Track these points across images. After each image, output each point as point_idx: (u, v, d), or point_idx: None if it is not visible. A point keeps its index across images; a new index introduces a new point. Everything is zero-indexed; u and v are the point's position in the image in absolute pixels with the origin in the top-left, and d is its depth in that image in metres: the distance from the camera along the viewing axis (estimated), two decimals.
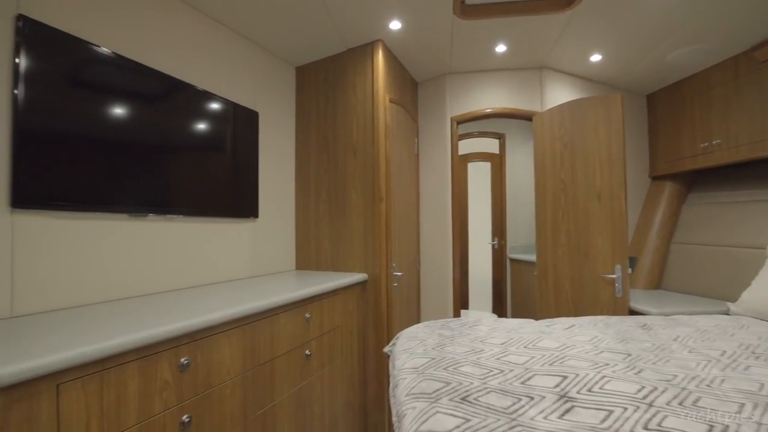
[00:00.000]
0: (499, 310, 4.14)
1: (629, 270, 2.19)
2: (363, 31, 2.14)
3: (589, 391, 0.97)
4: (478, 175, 4.55)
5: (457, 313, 2.72)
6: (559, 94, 2.71)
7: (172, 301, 1.45)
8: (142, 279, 1.57)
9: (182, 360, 1.10)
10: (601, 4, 1.89)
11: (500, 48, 2.40)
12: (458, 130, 2.82)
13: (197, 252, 1.83)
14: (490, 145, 4.32)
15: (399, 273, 2.36)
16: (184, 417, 1.10)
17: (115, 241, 1.48)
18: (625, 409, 0.87)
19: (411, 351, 1.31)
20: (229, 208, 2.00)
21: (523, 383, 1.03)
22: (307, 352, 1.69)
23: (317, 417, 1.77)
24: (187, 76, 1.78)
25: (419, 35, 2.22)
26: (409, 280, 2.64)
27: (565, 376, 1.06)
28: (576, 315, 2.31)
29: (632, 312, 2.20)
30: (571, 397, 0.94)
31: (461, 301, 3.55)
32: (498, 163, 4.22)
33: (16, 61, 1.18)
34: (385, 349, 1.57)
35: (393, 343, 1.55)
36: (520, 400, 0.93)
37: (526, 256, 3.64)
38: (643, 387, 0.98)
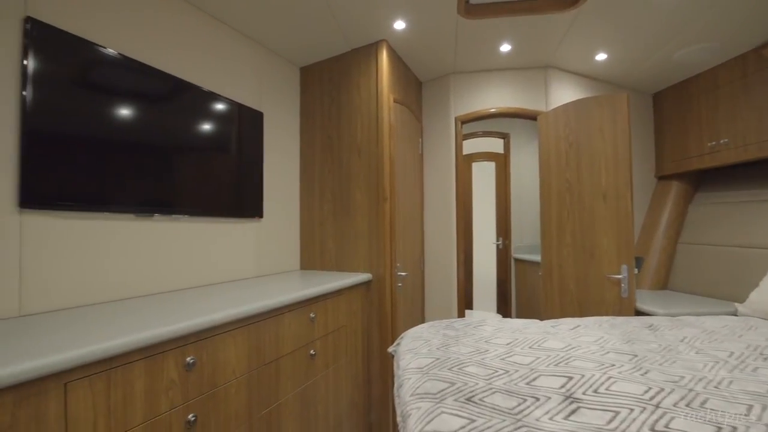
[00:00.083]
0: (504, 310, 4.12)
1: (635, 270, 2.18)
2: (367, 31, 2.14)
3: (595, 392, 0.97)
4: (483, 175, 4.54)
5: (461, 314, 2.71)
6: (564, 94, 2.69)
7: (177, 300, 1.46)
8: (148, 279, 1.58)
9: (188, 359, 1.11)
10: (607, 3, 1.88)
11: (505, 47, 2.39)
12: (462, 129, 2.82)
13: (202, 252, 1.84)
14: (495, 145, 4.31)
15: (403, 273, 2.35)
16: (190, 416, 1.11)
17: (122, 241, 1.49)
18: (632, 410, 0.87)
19: (415, 351, 1.31)
20: (234, 208, 2.00)
21: (529, 384, 1.02)
22: (312, 352, 1.70)
23: (322, 416, 1.77)
24: (193, 77, 1.79)
25: (423, 35, 2.22)
26: (414, 280, 2.64)
27: (570, 377, 1.05)
28: (581, 315, 2.30)
29: (638, 312, 2.18)
30: (577, 398, 0.93)
31: (465, 301, 3.55)
32: (502, 162, 4.21)
33: (24, 63, 1.19)
34: (390, 349, 1.57)
35: (397, 343, 1.54)
36: (526, 400, 0.93)
37: (531, 256, 3.63)
38: (650, 388, 0.97)
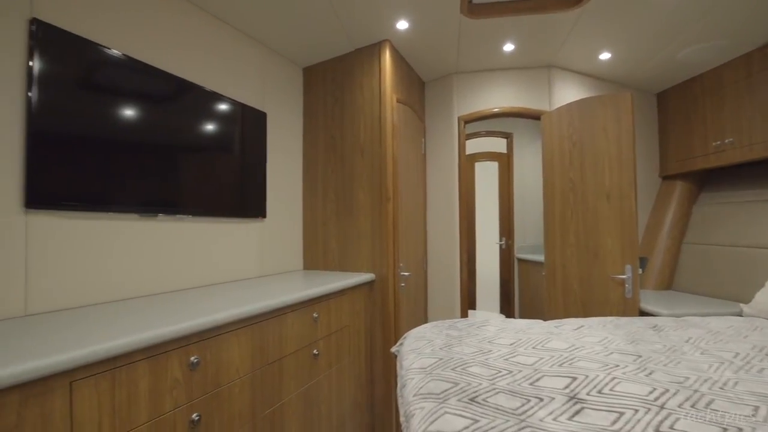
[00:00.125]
0: (507, 310, 4.11)
1: (639, 270, 2.17)
2: (370, 31, 2.14)
3: (599, 392, 0.96)
4: (486, 175, 4.53)
5: (464, 314, 2.71)
6: (568, 93, 2.68)
7: (180, 300, 1.46)
8: (152, 278, 1.59)
9: (192, 359, 1.11)
10: (611, 2, 1.87)
11: (508, 47, 2.38)
12: (465, 129, 2.82)
13: (206, 252, 1.84)
14: (498, 145, 4.30)
15: (406, 273, 2.35)
16: (194, 415, 1.11)
17: (126, 241, 1.50)
18: (636, 411, 0.86)
19: (419, 351, 1.31)
20: (237, 208, 2.01)
21: (532, 384, 1.02)
22: (315, 352, 1.70)
23: (325, 416, 1.77)
24: (196, 78, 1.80)
25: (426, 35, 2.22)
26: (417, 280, 2.63)
27: (574, 378, 1.05)
28: (585, 316, 2.29)
29: (643, 313, 2.17)
30: (581, 399, 0.93)
31: (468, 301, 3.54)
32: (506, 162, 4.20)
33: (30, 64, 1.20)
34: (393, 349, 1.57)
35: (400, 343, 1.55)
36: (529, 401, 0.92)
37: (534, 256, 3.62)
38: (655, 389, 0.97)
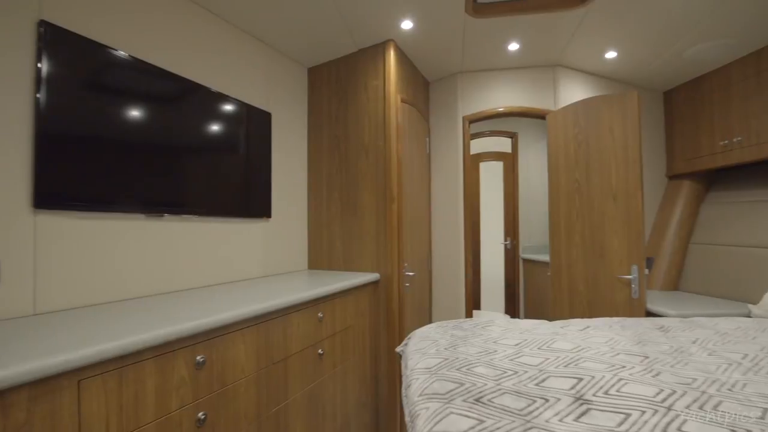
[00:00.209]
0: (512, 310, 4.10)
1: (646, 271, 2.15)
2: (374, 31, 2.14)
3: (606, 393, 0.95)
4: (490, 175, 4.52)
5: (469, 314, 2.70)
6: (573, 92, 2.67)
7: (186, 299, 1.47)
8: (158, 278, 1.60)
9: (198, 358, 1.12)
10: (616, 0, 1.85)
11: (513, 46, 2.37)
12: (470, 129, 2.81)
13: (211, 251, 1.85)
14: (503, 145, 4.29)
15: (411, 273, 2.35)
16: (200, 414, 1.12)
17: (132, 240, 1.51)
18: (643, 412, 0.85)
19: (423, 351, 1.31)
20: (243, 208, 2.02)
21: (538, 385, 1.01)
22: (320, 352, 1.71)
23: (329, 416, 1.78)
24: (202, 78, 1.81)
25: (431, 34, 2.21)
26: (421, 281, 2.63)
27: (580, 378, 1.04)
28: (590, 316, 2.28)
29: (649, 314, 2.15)
30: (587, 400, 0.92)
31: (473, 301, 3.53)
32: (510, 162, 4.18)
33: (38, 65, 1.21)
34: (398, 349, 1.57)
35: (405, 343, 1.54)
36: (535, 401, 0.92)
37: (539, 257, 3.60)
38: (662, 390, 0.96)
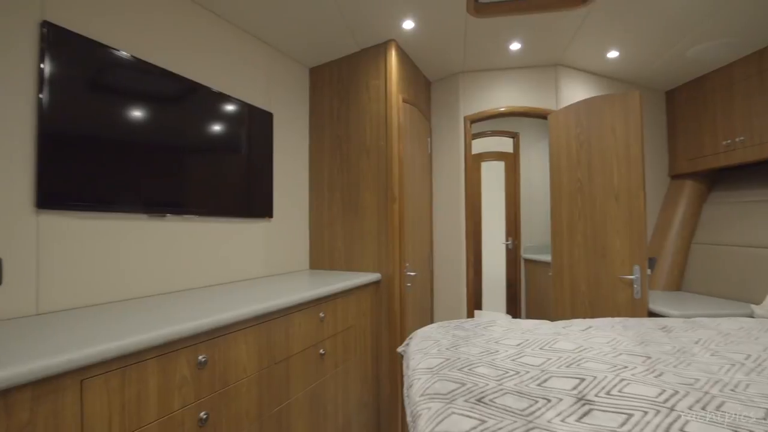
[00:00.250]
0: (513, 311, 4.09)
1: (648, 271, 2.14)
2: (376, 31, 2.14)
3: (608, 393, 0.95)
4: (492, 175, 4.51)
5: (470, 314, 2.70)
6: (575, 92, 2.66)
7: (188, 299, 1.48)
8: (160, 278, 1.61)
9: (200, 357, 1.12)
10: (618, 0, 1.85)
11: (514, 46, 2.37)
12: (471, 129, 2.81)
13: (213, 251, 1.86)
14: (504, 144, 4.28)
15: (412, 273, 2.35)
16: (202, 413, 1.12)
17: (135, 240, 1.51)
18: (646, 412, 0.85)
19: (425, 351, 1.31)
20: (244, 208, 2.02)
21: (540, 385, 1.01)
22: (322, 352, 1.71)
23: (331, 415, 1.78)
24: (203, 78, 1.81)
25: (432, 34, 2.21)
26: (423, 280, 2.63)
27: (582, 379, 1.04)
28: (592, 316, 2.27)
29: (651, 314, 2.15)
30: (589, 400, 0.92)
31: (475, 301, 3.53)
32: (512, 162, 4.17)
33: (41, 66, 1.21)
34: (399, 349, 1.56)
35: (407, 343, 1.54)
36: (537, 402, 0.92)
37: (541, 257, 3.59)
38: (664, 390, 0.95)
